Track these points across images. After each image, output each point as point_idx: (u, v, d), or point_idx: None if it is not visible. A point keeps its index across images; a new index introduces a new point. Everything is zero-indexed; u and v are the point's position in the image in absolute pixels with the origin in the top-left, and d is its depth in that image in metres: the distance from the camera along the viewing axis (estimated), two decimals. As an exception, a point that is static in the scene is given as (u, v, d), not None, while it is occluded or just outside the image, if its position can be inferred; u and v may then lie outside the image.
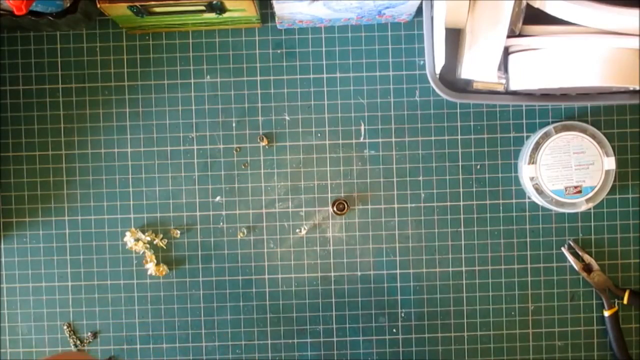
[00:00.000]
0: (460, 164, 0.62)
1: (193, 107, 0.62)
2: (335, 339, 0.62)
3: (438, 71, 0.56)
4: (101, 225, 0.62)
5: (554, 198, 0.60)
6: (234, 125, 0.62)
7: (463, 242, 0.62)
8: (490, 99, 0.58)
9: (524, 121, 0.62)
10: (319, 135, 0.62)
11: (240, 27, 0.62)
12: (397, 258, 0.62)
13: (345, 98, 0.62)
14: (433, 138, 0.62)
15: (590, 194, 0.60)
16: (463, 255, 0.62)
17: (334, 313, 0.62)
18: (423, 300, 0.62)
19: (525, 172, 0.60)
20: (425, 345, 0.62)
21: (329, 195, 0.62)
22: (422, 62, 0.62)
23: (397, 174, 0.62)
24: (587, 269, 0.62)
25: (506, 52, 0.56)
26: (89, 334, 0.62)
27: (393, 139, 0.62)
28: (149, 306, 0.62)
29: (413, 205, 0.62)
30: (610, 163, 0.60)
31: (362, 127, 0.62)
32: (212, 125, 0.62)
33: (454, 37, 0.58)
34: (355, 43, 0.62)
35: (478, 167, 0.62)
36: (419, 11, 0.59)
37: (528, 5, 0.53)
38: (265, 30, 0.62)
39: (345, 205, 0.61)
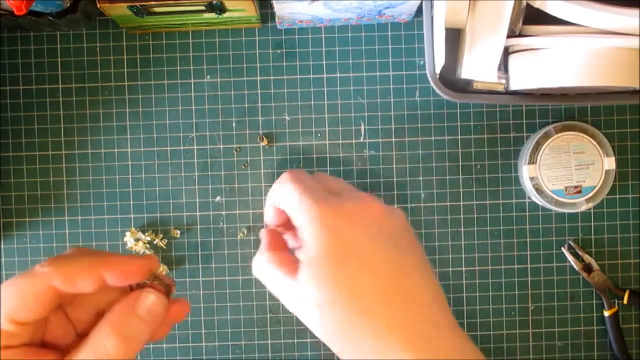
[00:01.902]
0: (460, 164, 0.62)
1: (193, 107, 0.62)
2: (335, 339, 0.62)
3: (438, 71, 0.56)
4: (101, 225, 0.62)
5: (554, 198, 0.60)
6: (234, 125, 0.62)
7: (463, 242, 0.62)
8: (490, 99, 0.58)
9: (524, 121, 0.62)
10: (319, 135, 0.62)
11: (240, 27, 0.62)
12: (397, 258, 0.62)
13: (345, 98, 0.62)
14: (433, 138, 0.62)
15: (590, 194, 0.60)
16: (463, 255, 0.62)
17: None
18: (423, 300, 0.62)
19: (525, 172, 0.60)
20: (425, 345, 0.62)
21: (329, 195, 0.62)
22: (422, 62, 0.62)
23: (397, 174, 0.62)
24: (587, 269, 0.62)
25: (506, 52, 0.56)
26: (89, 334, 0.62)
27: (393, 139, 0.62)
28: (149, 306, 0.62)
29: (413, 205, 0.62)
30: (610, 163, 0.60)
31: (362, 127, 0.62)
32: (212, 125, 0.62)
33: (454, 37, 0.58)
34: (355, 43, 0.62)
35: (478, 167, 0.62)
36: (419, 11, 0.59)
37: (528, 5, 0.53)
38: (265, 30, 0.62)
39: (345, 205, 0.61)
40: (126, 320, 0.32)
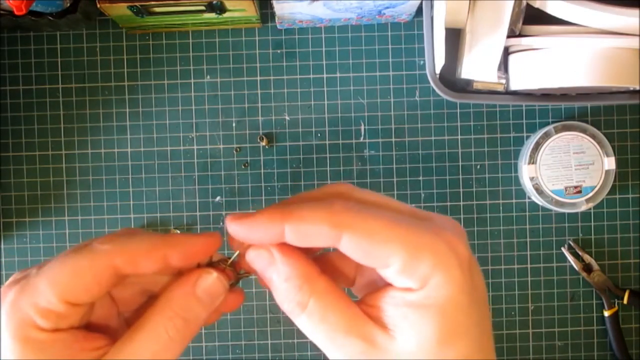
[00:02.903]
0: (460, 164, 0.62)
1: (193, 107, 0.62)
2: (335, 339, 0.62)
3: (438, 71, 0.56)
4: (101, 225, 0.62)
5: (554, 198, 0.60)
6: (234, 125, 0.62)
7: (463, 242, 0.62)
8: (490, 99, 0.58)
9: (524, 121, 0.62)
10: (319, 135, 0.62)
11: (240, 27, 0.62)
12: (397, 258, 0.62)
13: (345, 98, 0.62)
14: (433, 138, 0.62)
15: (590, 194, 0.60)
16: (463, 255, 0.62)
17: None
18: (423, 300, 0.62)
19: (525, 172, 0.60)
20: (425, 345, 0.62)
21: (329, 195, 0.62)
22: (422, 62, 0.62)
23: (397, 174, 0.62)
24: (587, 269, 0.62)
25: (506, 52, 0.56)
26: (89, 334, 0.62)
27: (393, 139, 0.62)
28: (149, 306, 0.62)
29: (413, 205, 0.62)
30: (610, 163, 0.60)
31: (362, 127, 0.62)
32: (212, 125, 0.62)
33: (454, 37, 0.58)
34: (355, 43, 0.62)
35: (478, 167, 0.63)
36: (419, 11, 0.59)
37: (528, 5, 0.53)
38: (265, 30, 0.62)
39: (345, 205, 0.61)
40: (187, 302, 0.29)
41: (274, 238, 0.29)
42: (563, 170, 0.60)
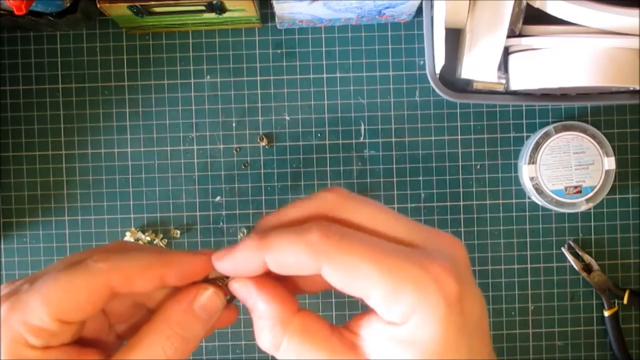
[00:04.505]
0: (460, 164, 0.62)
1: (193, 107, 0.62)
2: (335, 339, 0.62)
3: (438, 71, 0.56)
4: (101, 225, 0.62)
5: (554, 198, 0.60)
6: (234, 125, 0.62)
7: (463, 242, 0.62)
8: (490, 99, 0.58)
9: (524, 121, 0.62)
10: (319, 135, 0.62)
11: (240, 27, 0.62)
12: (397, 258, 0.62)
13: (345, 98, 0.62)
14: (433, 138, 0.62)
15: (590, 194, 0.60)
16: (463, 255, 0.62)
17: (334, 313, 0.62)
18: (423, 300, 0.62)
19: (525, 172, 0.60)
20: (425, 345, 0.62)
21: (329, 195, 0.62)
22: (422, 62, 0.62)
23: (397, 174, 0.62)
24: (587, 269, 0.62)
25: (506, 52, 0.56)
26: (89, 334, 0.62)
27: (393, 139, 0.62)
28: (149, 306, 0.62)
29: (413, 205, 0.62)
30: (610, 163, 0.60)
31: (362, 127, 0.62)
32: (212, 125, 0.62)
33: (454, 37, 0.58)
34: (355, 43, 0.62)
35: (478, 167, 0.63)
36: (419, 11, 0.59)
37: (528, 5, 0.53)
38: (265, 30, 0.62)
39: (345, 205, 0.61)
40: (185, 320, 0.29)
41: (258, 269, 0.28)
42: (563, 170, 0.60)
